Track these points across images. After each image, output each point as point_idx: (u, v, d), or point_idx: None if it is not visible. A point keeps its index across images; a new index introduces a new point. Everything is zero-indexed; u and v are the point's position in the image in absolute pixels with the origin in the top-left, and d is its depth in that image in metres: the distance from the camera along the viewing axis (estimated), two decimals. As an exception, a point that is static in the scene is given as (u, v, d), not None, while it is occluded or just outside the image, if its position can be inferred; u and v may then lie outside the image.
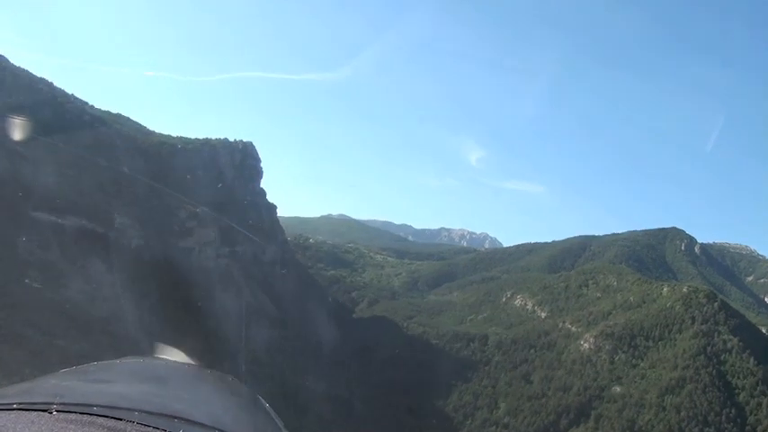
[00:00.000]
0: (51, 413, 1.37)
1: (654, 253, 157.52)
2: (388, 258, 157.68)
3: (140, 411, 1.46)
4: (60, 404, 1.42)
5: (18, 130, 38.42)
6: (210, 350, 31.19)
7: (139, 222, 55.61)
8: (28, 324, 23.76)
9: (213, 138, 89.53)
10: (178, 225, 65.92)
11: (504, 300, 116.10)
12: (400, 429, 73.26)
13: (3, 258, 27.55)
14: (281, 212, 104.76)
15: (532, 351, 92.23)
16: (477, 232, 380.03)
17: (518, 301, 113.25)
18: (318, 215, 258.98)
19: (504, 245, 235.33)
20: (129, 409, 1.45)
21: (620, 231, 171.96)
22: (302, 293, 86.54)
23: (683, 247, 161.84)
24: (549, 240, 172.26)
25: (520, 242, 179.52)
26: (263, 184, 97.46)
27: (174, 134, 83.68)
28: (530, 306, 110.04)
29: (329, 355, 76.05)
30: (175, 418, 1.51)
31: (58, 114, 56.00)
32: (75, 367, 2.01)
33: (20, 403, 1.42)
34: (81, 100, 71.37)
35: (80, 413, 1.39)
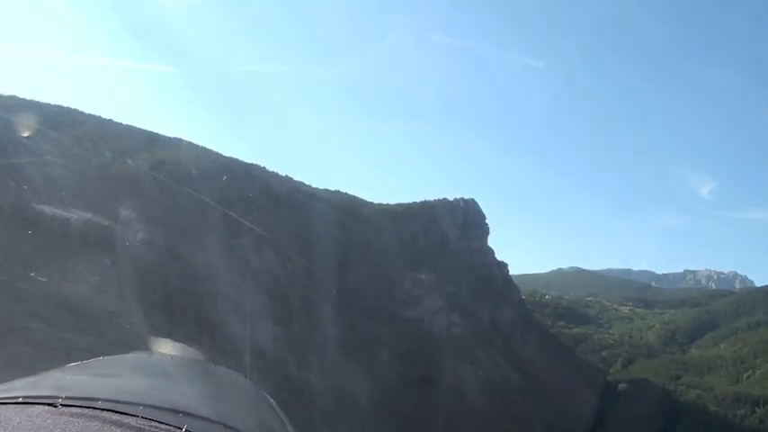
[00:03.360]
0: (56, 407, 1.39)
1: None
2: (636, 309, 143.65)
3: (145, 406, 1.47)
4: (65, 398, 1.43)
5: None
6: (216, 346, 31.25)
7: (362, 300, 54.92)
8: (34, 317, 23.84)
9: (432, 199, 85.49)
10: (404, 294, 63.50)
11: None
12: None
13: (9, 252, 27.69)
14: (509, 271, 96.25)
15: (833, 415, 75.53)
16: (725, 271, 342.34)
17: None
18: (548, 270, 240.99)
19: (757, 284, 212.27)
20: (133, 404, 1.47)
21: None
22: (548, 357, 79.18)
23: None
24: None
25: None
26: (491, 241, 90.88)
27: (391, 202, 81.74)
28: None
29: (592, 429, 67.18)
30: (180, 412, 1.52)
31: (274, 200, 55.84)
32: (80, 362, 2.03)
33: (25, 397, 1.43)
34: (297, 181, 70.44)
35: (85, 407, 1.40)
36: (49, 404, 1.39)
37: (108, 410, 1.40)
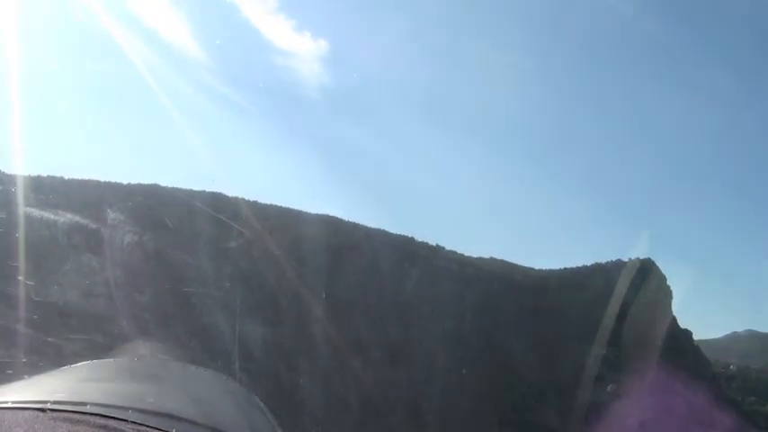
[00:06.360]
0: (45, 411, 1.39)
1: None
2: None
3: (134, 410, 1.47)
4: (54, 402, 1.43)
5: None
6: (205, 349, 31.12)
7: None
8: (22, 322, 23.68)
9: (604, 261, 76.05)
10: (580, 373, 55.90)
11: None
12: None
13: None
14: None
15: None
16: None
17: None
18: (722, 334, 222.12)
19: None
20: (122, 408, 1.47)
21: None
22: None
23: None
24: None
25: None
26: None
27: (556, 267, 74.14)
28: None
29: None
30: (169, 416, 1.52)
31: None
32: (69, 366, 2.03)
33: (14, 402, 1.43)
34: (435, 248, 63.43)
35: (73, 411, 1.40)
36: (37, 409, 1.39)
37: (96, 415, 1.40)
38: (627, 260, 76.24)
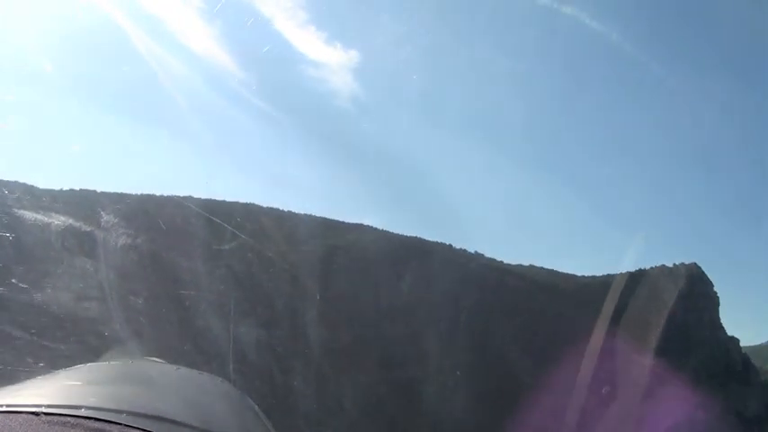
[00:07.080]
0: (39, 415, 1.39)
1: None
2: None
3: (128, 413, 1.48)
4: (48, 406, 1.43)
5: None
6: (199, 352, 31.03)
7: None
8: (15, 325, 23.57)
9: (648, 267, 72.71)
10: (633, 383, 52.97)
11: None
12: None
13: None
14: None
15: None
16: None
17: None
18: (764, 340, 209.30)
19: None
20: (116, 411, 1.47)
21: None
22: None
23: None
24: None
25: None
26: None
27: (598, 274, 71.46)
28: None
29: None
30: (163, 419, 1.52)
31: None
32: (64, 369, 2.03)
33: (8, 405, 1.43)
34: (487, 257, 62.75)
35: (68, 415, 1.40)
36: (31, 413, 1.39)
37: (91, 418, 1.40)
38: (671, 265, 74.03)
